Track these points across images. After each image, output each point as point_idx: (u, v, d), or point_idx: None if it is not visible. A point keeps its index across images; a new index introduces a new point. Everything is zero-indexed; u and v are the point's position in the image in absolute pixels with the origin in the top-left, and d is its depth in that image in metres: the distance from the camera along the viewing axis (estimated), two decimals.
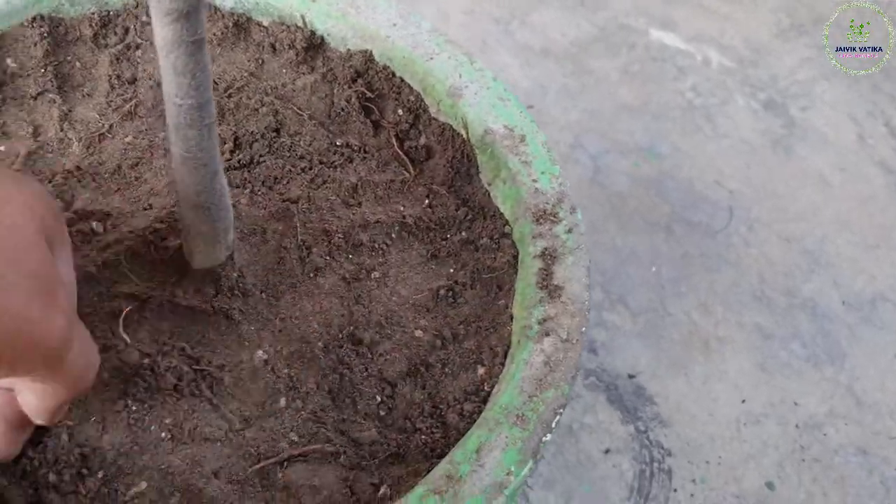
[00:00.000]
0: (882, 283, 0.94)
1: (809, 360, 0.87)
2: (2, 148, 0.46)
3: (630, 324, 0.86)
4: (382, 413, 0.41)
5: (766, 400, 0.83)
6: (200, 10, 0.30)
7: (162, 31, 0.31)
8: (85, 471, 0.37)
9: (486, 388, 0.41)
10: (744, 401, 0.83)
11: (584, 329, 0.42)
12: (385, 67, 0.52)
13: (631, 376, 0.83)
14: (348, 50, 0.52)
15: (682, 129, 1.04)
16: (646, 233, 0.94)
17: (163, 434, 0.39)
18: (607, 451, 0.77)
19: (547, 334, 0.41)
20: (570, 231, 0.45)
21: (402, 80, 0.51)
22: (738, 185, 1.00)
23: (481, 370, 0.42)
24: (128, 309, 0.41)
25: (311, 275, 0.44)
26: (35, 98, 0.47)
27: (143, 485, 0.37)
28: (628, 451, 0.78)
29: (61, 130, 0.46)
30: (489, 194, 0.49)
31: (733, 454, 0.79)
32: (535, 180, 0.46)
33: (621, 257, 0.91)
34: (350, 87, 0.51)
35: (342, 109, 0.50)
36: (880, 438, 0.83)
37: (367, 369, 0.42)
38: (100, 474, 0.37)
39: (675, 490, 0.77)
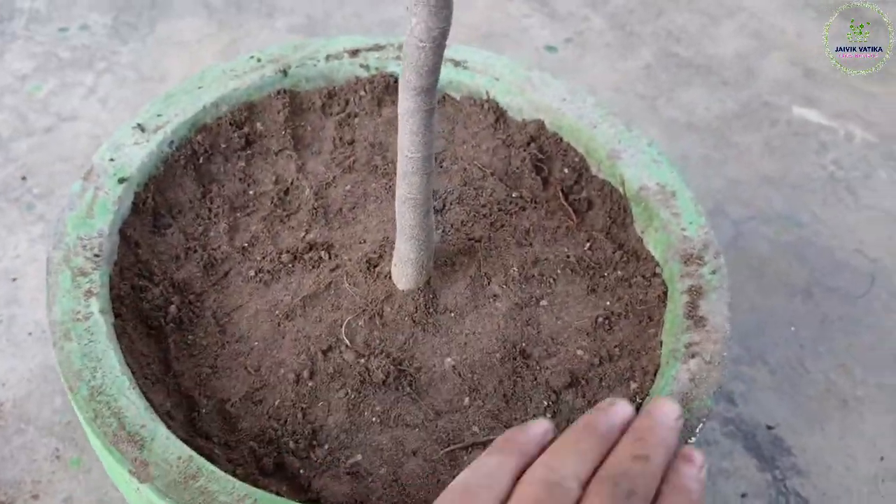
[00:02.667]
0: None
1: None
2: (251, 192, 0.58)
3: (768, 378, 0.90)
4: (548, 416, 0.49)
5: None
6: (435, 87, 0.41)
7: (405, 103, 0.42)
8: (315, 442, 0.47)
9: (637, 399, 0.49)
10: (882, 458, 0.85)
11: (724, 353, 0.49)
12: (554, 134, 0.61)
13: (769, 427, 0.87)
14: (524, 119, 0.62)
15: (823, 200, 1.08)
16: (785, 296, 0.98)
17: (373, 419, 0.48)
18: (744, 496, 0.81)
19: (692, 356, 0.48)
20: (714, 272, 0.52)
21: (569, 145, 0.61)
22: (881, 254, 1.03)
23: (634, 385, 0.50)
24: (348, 319, 0.51)
25: (491, 300, 0.53)
26: (277, 154, 0.60)
27: (359, 457, 0.47)
28: (765, 497, 0.82)
29: (297, 179, 0.58)
30: (642, 241, 0.57)
31: None
32: (683, 229, 0.54)
33: (761, 317, 0.96)
34: (525, 150, 0.61)
35: (517, 168, 0.60)
36: None
37: (535, 378, 0.50)
38: (326, 446, 0.47)
39: None
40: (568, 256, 0.56)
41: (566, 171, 0.60)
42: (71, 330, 0.45)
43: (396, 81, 0.63)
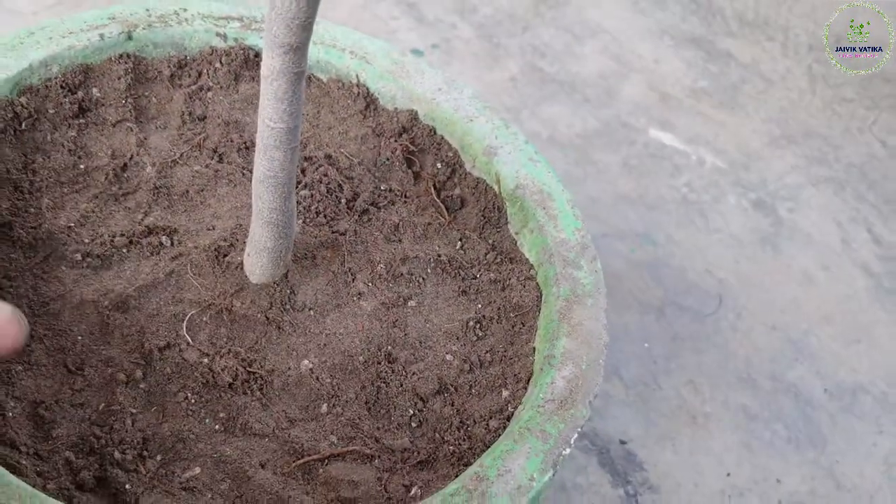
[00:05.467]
0: (863, 376, 0.99)
1: (791, 442, 0.90)
2: (82, 166, 0.50)
3: (623, 394, 0.90)
4: (414, 425, 0.45)
5: (750, 476, 0.87)
6: (307, 47, 0.36)
7: (271, 62, 0.36)
8: (145, 453, 0.41)
9: (509, 408, 0.45)
10: (728, 474, 0.86)
11: (601, 361, 0.46)
12: (428, 126, 0.57)
13: (622, 442, 0.86)
14: (396, 108, 0.58)
15: (677, 221, 1.11)
16: (639, 313, 0.99)
17: (216, 426, 0.42)
18: None
19: (568, 364, 0.45)
20: (590, 277, 0.50)
21: (443, 138, 0.57)
22: (728, 276, 1.06)
23: (505, 393, 0.46)
24: (191, 313, 0.45)
25: (355, 298, 0.48)
26: (115, 125, 0.52)
27: (197, 469, 0.41)
28: None
29: (137, 155, 0.51)
30: (516, 242, 0.54)
31: None
32: (560, 231, 0.52)
33: (615, 333, 0.96)
34: (396, 141, 0.56)
35: (387, 159, 0.56)
36: None
37: (401, 385, 0.46)
38: (158, 457, 0.41)
39: None
40: (439, 255, 0.52)
41: (439, 165, 0.57)
42: None
43: (257, 56, 0.57)
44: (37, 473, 0.37)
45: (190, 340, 0.44)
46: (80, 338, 0.44)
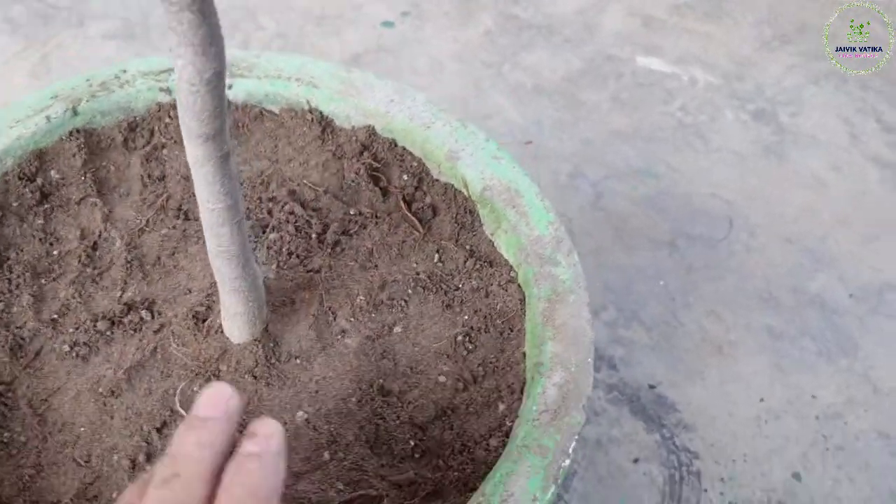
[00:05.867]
0: (888, 273, 0.97)
1: (822, 355, 0.90)
2: (55, 252, 0.51)
3: (645, 337, 0.90)
4: (417, 455, 0.46)
5: (783, 396, 0.87)
6: (225, 131, 0.36)
7: (193, 151, 0.36)
8: None
9: (507, 422, 0.46)
10: (762, 399, 0.86)
11: (590, 360, 0.46)
12: (388, 139, 0.57)
13: (651, 387, 0.87)
14: (353, 126, 0.57)
15: (675, 148, 1.09)
16: (650, 250, 0.98)
17: None
18: (636, 461, 0.81)
19: (557, 369, 0.45)
20: (569, 272, 0.49)
21: (405, 149, 0.57)
22: (735, 196, 1.04)
23: (502, 407, 0.47)
24: (181, 386, 0.46)
25: (339, 336, 0.49)
26: (79, 203, 0.53)
27: None
28: (656, 459, 0.82)
29: (105, 230, 0.52)
30: (493, 244, 0.54)
31: (757, 450, 0.82)
32: (532, 228, 0.51)
33: (629, 275, 0.96)
34: (358, 161, 0.56)
35: (353, 181, 0.56)
36: None
37: (398, 417, 0.47)
38: None
39: (706, 490, 0.80)
40: (418, 273, 0.52)
41: (405, 177, 0.56)
42: None
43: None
44: None
45: (184, 414, 0.45)
46: (82, 429, 0.45)
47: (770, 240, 1.00)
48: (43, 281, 0.50)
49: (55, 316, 0.49)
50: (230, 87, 0.56)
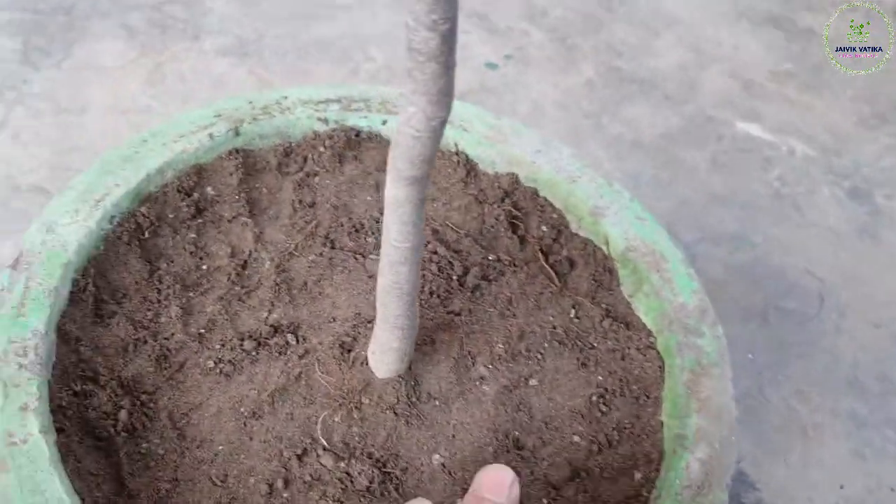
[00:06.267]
0: None
1: None
2: (205, 267, 0.52)
3: None
4: None
5: (864, 485, 0.85)
6: (428, 176, 0.36)
7: (394, 191, 0.37)
8: None
9: (644, 493, 0.45)
10: (842, 486, 0.85)
11: (734, 438, 0.46)
12: (530, 188, 0.57)
13: (735, 461, 0.85)
14: (496, 172, 0.58)
15: (772, 217, 1.08)
16: (742, 321, 0.97)
17: None
18: None
19: (701, 444, 0.45)
20: (713, 344, 0.49)
21: (546, 200, 0.57)
22: (828, 273, 1.03)
23: (638, 475, 0.46)
24: (323, 415, 0.46)
25: (477, 383, 0.49)
26: (231, 221, 0.54)
27: None
28: None
29: (255, 251, 0.52)
30: (630, 306, 0.53)
31: None
32: (677, 295, 0.51)
33: None
34: (499, 206, 0.56)
35: (492, 226, 0.56)
36: None
37: (532, 473, 0.46)
38: None
39: None
40: (554, 327, 0.52)
41: (544, 228, 0.56)
42: (7, 458, 0.39)
43: (358, 135, 0.58)
44: None
45: (326, 444, 0.45)
46: (220, 447, 0.45)
47: (859, 322, 0.99)
48: (191, 294, 0.51)
49: (202, 330, 0.49)
50: (384, 122, 0.57)
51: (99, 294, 0.48)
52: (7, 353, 0.42)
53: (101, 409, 0.45)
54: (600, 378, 0.51)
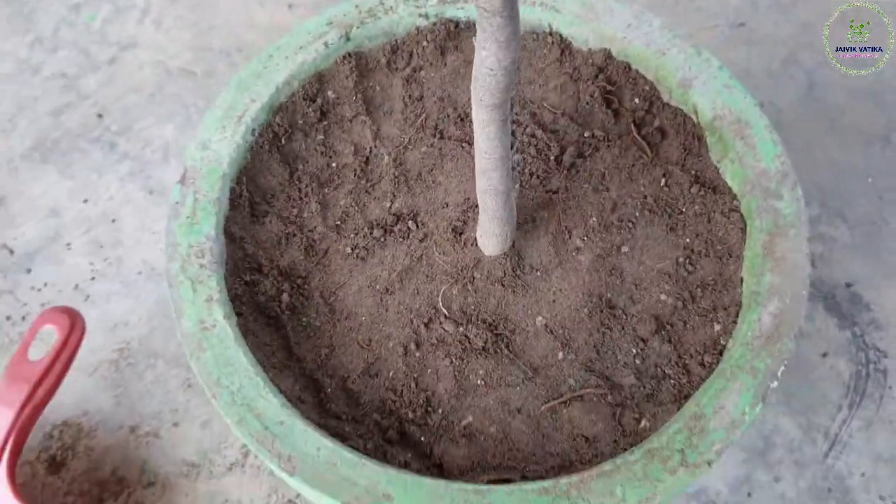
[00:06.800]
0: None
1: None
2: (334, 165, 0.60)
3: (847, 236, 0.92)
4: (638, 363, 0.53)
5: None
6: (508, 99, 0.42)
7: (480, 115, 0.43)
8: (429, 409, 0.53)
9: (721, 342, 0.52)
10: None
11: (804, 293, 0.51)
12: (622, 63, 0.61)
13: (848, 285, 0.89)
14: (590, 49, 0.62)
15: None
16: (862, 145, 0.97)
17: (478, 382, 0.53)
18: (825, 355, 0.86)
19: (773, 299, 0.51)
20: (791, 207, 0.53)
21: (638, 73, 0.61)
22: None
23: (717, 327, 0.53)
24: (443, 289, 0.55)
25: (574, 253, 0.56)
26: (351, 121, 0.61)
27: (470, 418, 0.53)
28: (845, 354, 0.86)
29: (374, 147, 0.60)
30: (718, 171, 0.58)
31: None
32: (759, 160, 0.55)
33: (838, 171, 0.96)
34: (593, 83, 0.61)
35: (587, 104, 0.61)
36: None
37: (623, 328, 0.54)
38: (439, 411, 0.53)
39: (891, 387, 0.84)
40: (645, 197, 0.58)
41: (637, 101, 0.61)
42: (203, 340, 0.51)
43: (457, 27, 0.63)
44: (358, 436, 0.51)
45: (446, 313, 0.54)
46: (363, 319, 0.56)
47: None
48: (326, 190, 0.60)
49: (338, 222, 0.59)
50: (463, 5, 0.62)
51: (252, 198, 0.58)
52: (189, 256, 0.54)
53: (267, 294, 0.56)
54: (687, 240, 0.56)
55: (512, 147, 0.50)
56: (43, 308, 0.90)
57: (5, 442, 0.70)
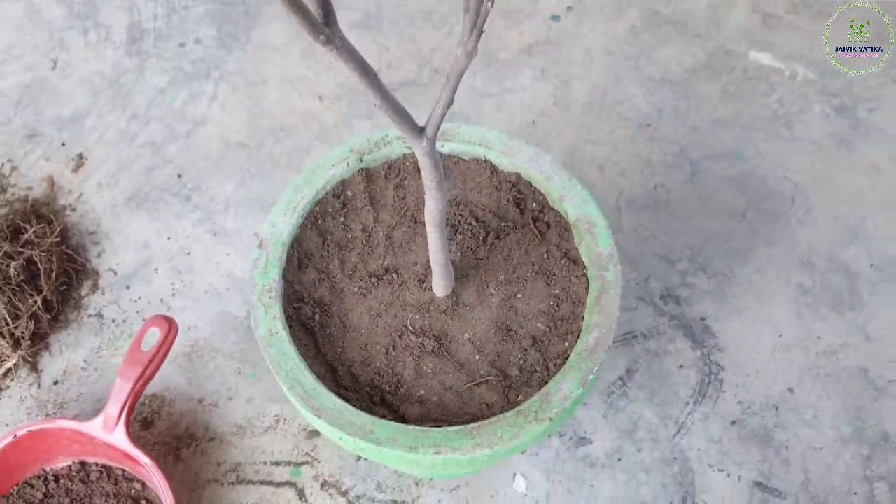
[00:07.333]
0: None
1: (835, 308, 1.27)
2: (349, 236, 0.99)
3: (706, 284, 1.31)
4: (521, 363, 0.92)
5: (797, 335, 1.25)
6: (444, 221, 0.81)
7: (428, 227, 0.82)
8: (399, 385, 0.91)
9: (567, 353, 0.91)
10: (780, 335, 1.25)
11: (613, 326, 0.90)
12: (527, 181, 1.00)
13: (702, 319, 1.28)
14: (508, 171, 1.01)
15: (765, 136, 1.42)
16: (726, 219, 1.36)
17: (428, 371, 0.92)
18: (681, 367, 1.24)
19: (595, 330, 0.89)
20: (613, 276, 0.92)
21: (536, 188, 1.00)
22: (803, 178, 1.38)
23: (567, 344, 0.92)
24: (411, 316, 0.94)
25: (489, 297, 0.95)
26: (360, 210, 1.01)
27: (422, 392, 0.91)
28: (694, 367, 1.24)
29: (374, 226, 0.99)
30: (578, 251, 0.97)
31: (767, 370, 1.23)
32: (599, 247, 0.94)
33: (706, 237, 1.34)
34: (509, 192, 1.00)
35: (504, 205, 1.00)
36: (880, 361, 1.22)
37: (514, 342, 0.93)
38: (405, 387, 0.91)
39: (724, 391, 1.22)
40: (534, 264, 0.97)
41: (534, 204, 1.00)
42: (270, 341, 0.90)
43: None
44: (357, 400, 0.89)
45: (412, 330, 0.93)
46: (362, 331, 0.95)
47: (821, 216, 1.34)
48: (343, 252, 0.99)
49: (350, 272, 0.98)
50: (443, 146, 1.01)
51: (299, 257, 0.97)
52: (263, 291, 0.93)
53: (306, 315, 0.95)
54: (556, 292, 0.95)
55: (451, 239, 0.89)
56: (138, 315, 1.29)
57: (124, 405, 1.08)
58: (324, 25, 0.56)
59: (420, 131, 0.70)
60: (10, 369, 1.16)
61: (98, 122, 1.47)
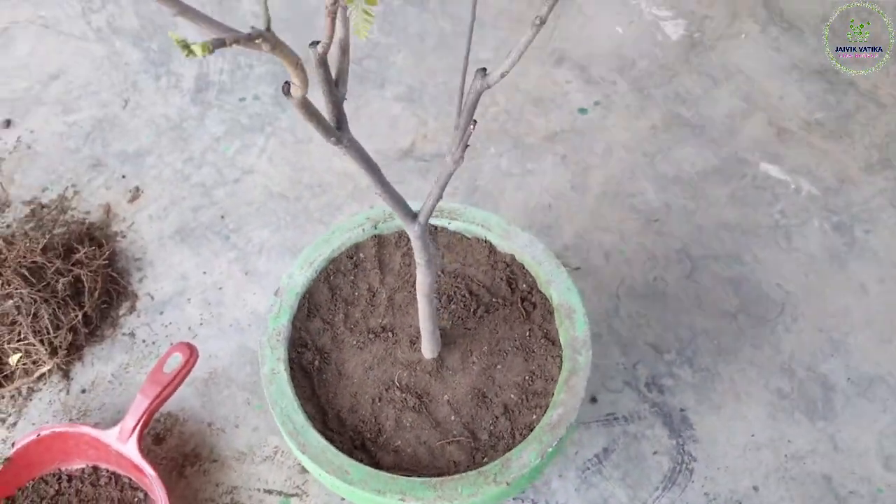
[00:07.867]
0: (884, 368, 1.37)
1: (808, 416, 1.34)
2: (355, 294, 1.11)
3: (690, 377, 1.39)
4: (491, 428, 1.02)
5: (769, 437, 1.32)
6: (434, 293, 0.92)
7: (419, 299, 0.93)
8: (379, 434, 1.02)
9: (534, 425, 1.00)
10: (753, 435, 1.33)
11: (577, 405, 0.99)
12: (520, 263, 1.11)
13: (682, 410, 1.36)
14: (504, 252, 1.12)
15: (764, 243, 1.51)
16: (717, 318, 1.44)
17: (407, 424, 1.02)
18: (655, 453, 1.32)
19: (560, 407, 0.99)
20: (584, 359, 1.02)
21: (527, 270, 1.10)
22: (795, 288, 1.46)
23: (534, 416, 1.01)
24: (398, 372, 1.05)
25: (471, 365, 1.05)
26: (369, 271, 1.12)
27: (399, 443, 1.01)
28: (668, 455, 1.32)
29: (379, 288, 1.11)
30: (557, 333, 1.07)
31: (736, 466, 1.30)
32: (576, 332, 1.04)
33: (695, 332, 1.43)
34: (503, 271, 1.11)
35: (497, 282, 1.10)
36: (844, 471, 1.29)
37: (488, 409, 1.03)
38: (384, 436, 1.02)
39: (693, 481, 1.30)
40: (516, 340, 1.07)
41: (524, 285, 1.10)
42: (272, 379, 1.01)
43: (436, 229, 1.14)
44: (339, 442, 1.00)
45: (398, 385, 1.04)
46: (355, 380, 1.06)
47: (806, 326, 1.42)
48: (349, 308, 1.10)
49: (352, 326, 1.09)
50: (450, 223, 1.12)
51: (309, 307, 1.09)
52: (272, 334, 1.04)
53: (307, 360, 1.06)
54: (533, 368, 1.05)
55: (444, 308, 1.00)
56: (167, 339, 1.42)
57: (140, 419, 1.20)
58: (336, 129, 0.68)
59: (413, 217, 0.82)
60: (44, 374, 1.29)
61: (157, 160, 1.61)
